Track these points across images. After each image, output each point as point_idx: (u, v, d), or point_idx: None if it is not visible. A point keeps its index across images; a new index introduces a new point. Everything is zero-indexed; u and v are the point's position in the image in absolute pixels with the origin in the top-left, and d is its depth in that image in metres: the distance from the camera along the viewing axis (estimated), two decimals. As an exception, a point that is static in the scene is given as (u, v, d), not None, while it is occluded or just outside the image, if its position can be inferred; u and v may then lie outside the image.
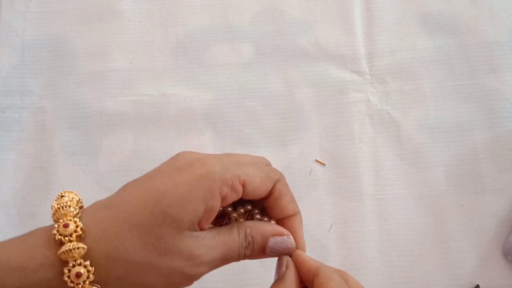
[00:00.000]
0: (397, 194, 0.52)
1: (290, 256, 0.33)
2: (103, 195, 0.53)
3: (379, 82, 0.56)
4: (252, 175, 0.32)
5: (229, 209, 0.34)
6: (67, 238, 0.29)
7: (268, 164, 0.35)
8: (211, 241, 0.31)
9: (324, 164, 0.53)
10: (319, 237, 0.51)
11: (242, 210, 0.34)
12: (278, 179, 0.34)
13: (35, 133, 0.54)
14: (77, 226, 0.29)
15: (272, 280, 0.36)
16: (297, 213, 0.35)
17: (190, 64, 0.57)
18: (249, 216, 0.35)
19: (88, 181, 0.53)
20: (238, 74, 0.57)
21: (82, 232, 0.29)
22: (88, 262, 0.29)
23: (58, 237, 0.29)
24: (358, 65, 0.57)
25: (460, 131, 0.54)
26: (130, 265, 0.29)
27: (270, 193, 0.33)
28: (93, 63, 0.57)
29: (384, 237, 0.51)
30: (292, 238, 0.34)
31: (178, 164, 0.32)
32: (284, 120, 0.55)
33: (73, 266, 0.28)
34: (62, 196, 0.31)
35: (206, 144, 0.54)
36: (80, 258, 0.29)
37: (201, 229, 0.31)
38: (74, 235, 0.29)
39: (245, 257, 0.33)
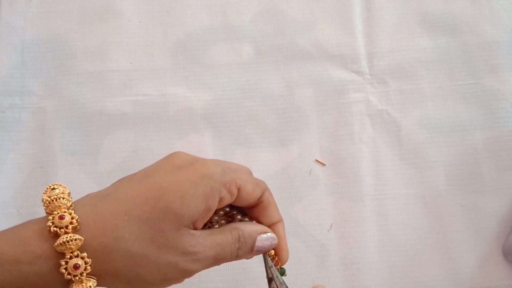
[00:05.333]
0: (397, 194, 0.52)
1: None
2: (103, 195, 0.53)
3: (379, 82, 0.56)
4: (246, 181, 0.33)
5: None
6: (63, 230, 0.28)
7: (251, 173, 0.37)
8: (205, 240, 0.31)
9: (324, 164, 0.53)
10: (319, 237, 0.51)
11: (222, 212, 0.35)
12: (266, 188, 0.35)
13: (35, 133, 0.54)
14: (72, 218, 0.29)
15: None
16: (281, 220, 0.36)
17: (190, 64, 0.57)
18: (229, 218, 0.36)
19: (88, 181, 0.53)
20: (238, 74, 0.57)
21: (78, 224, 0.29)
22: (85, 254, 0.28)
23: (53, 229, 0.28)
24: (358, 65, 0.57)
25: (460, 131, 0.54)
26: (127, 257, 0.29)
27: (259, 202, 0.35)
28: (93, 63, 0.57)
29: (384, 237, 0.51)
30: (273, 233, 0.35)
31: (177, 163, 0.32)
32: (284, 120, 0.55)
33: (70, 258, 0.28)
34: (53, 189, 0.31)
35: (206, 144, 0.54)
36: (77, 249, 0.28)
37: (195, 229, 0.32)
38: (70, 226, 0.29)
39: (237, 257, 0.33)
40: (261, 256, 0.36)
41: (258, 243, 0.34)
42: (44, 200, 0.30)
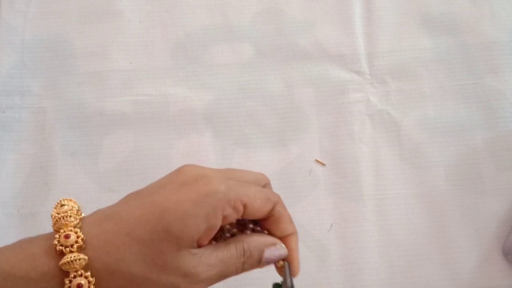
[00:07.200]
0: (397, 194, 0.52)
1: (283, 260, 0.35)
2: (103, 195, 0.53)
3: (379, 82, 0.56)
4: (253, 197, 0.32)
5: None
6: (68, 249, 0.29)
7: (268, 182, 0.36)
8: (209, 259, 0.31)
9: (324, 164, 0.53)
10: (319, 237, 0.51)
11: (234, 221, 0.35)
12: (277, 201, 0.34)
13: (35, 133, 0.54)
14: (78, 237, 0.30)
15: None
16: (294, 232, 0.36)
17: (190, 64, 0.57)
18: (241, 226, 0.35)
19: (88, 181, 0.53)
20: (238, 74, 0.57)
21: (83, 243, 0.30)
22: (89, 273, 0.29)
23: (59, 247, 0.29)
24: (358, 65, 0.57)
25: (460, 131, 0.54)
26: (129, 278, 0.30)
27: (270, 215, 0.34)
28: (93, 63, 0.57)
29: (384, 237, 0.51)
30: (283, 245, 0.34)
31: (182, 178, 0.32)
32: (284, 120, 0.55)
33: (74, 277, 0.29)
34: (62, 205, 0.31)
35: (206, 144, 0.54)
36: (81, 269, 0.29)
37: (200, 246, 0.31)
38: (75, 245, 0.29)
39: (242, 271, 0.33)
40: None
41: (266, 254, 0.33)
42: (53, 216, 0.31)
